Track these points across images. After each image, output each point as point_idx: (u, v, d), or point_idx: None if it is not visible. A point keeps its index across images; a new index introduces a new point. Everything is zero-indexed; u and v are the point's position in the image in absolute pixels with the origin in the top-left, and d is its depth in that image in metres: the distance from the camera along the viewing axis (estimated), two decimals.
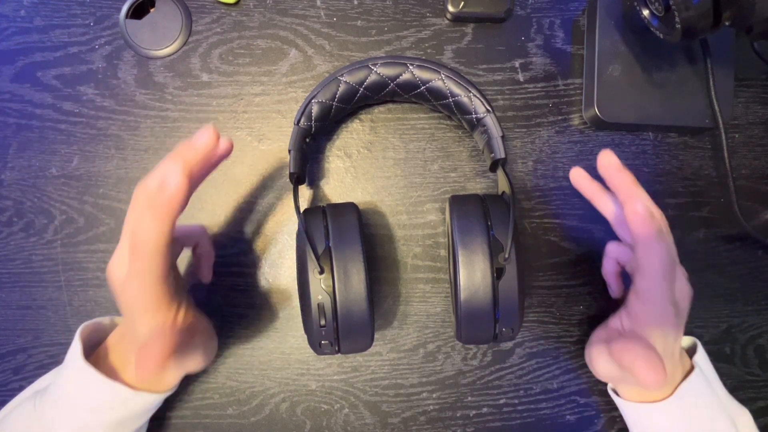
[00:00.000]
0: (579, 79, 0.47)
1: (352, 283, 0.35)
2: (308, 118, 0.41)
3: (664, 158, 0.48)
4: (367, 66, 0.41)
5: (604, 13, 0.45)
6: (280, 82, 0.46)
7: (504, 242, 0.36)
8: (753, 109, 0.49)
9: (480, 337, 0.38)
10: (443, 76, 0.41)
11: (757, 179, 0.49)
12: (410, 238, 0.46)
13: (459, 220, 0.37)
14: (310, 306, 0.35)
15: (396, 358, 0.46)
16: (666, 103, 0.45)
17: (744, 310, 0.49)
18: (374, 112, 0.47)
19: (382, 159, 0.46)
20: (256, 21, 0.46)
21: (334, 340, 0.36)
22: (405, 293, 0.46)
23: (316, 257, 0.35)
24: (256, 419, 0.46)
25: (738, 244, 0.48)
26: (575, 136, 0.47)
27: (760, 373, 0.49)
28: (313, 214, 0.38)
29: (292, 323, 0.46)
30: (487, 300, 0.35)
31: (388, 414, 0.46)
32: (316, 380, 0.46)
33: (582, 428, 0.47)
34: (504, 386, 0.47)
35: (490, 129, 0.41)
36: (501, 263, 0.36)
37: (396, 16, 0.47)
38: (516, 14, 0.47)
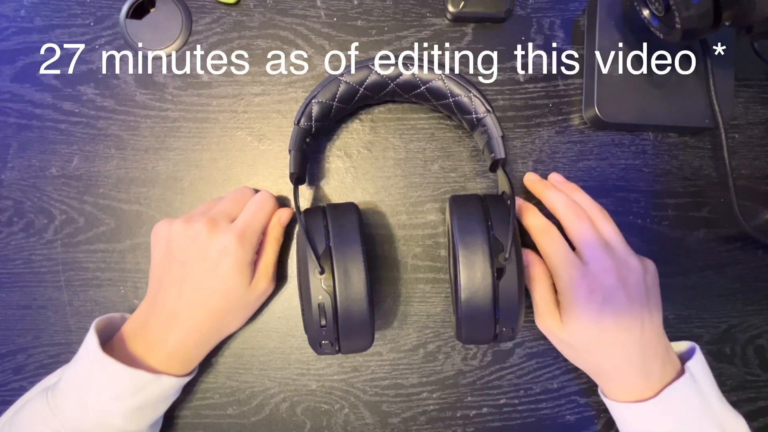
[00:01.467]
0: (579, 79, 0.47)
1: (352, 283, 0.35)
2: (308, 118, 0.41)
3: (664, 158, 0.48)
4: (368, 66, 0.41)
5: (604, 13, 0.45)
6: (280, 82, 0.46)
7: (504, 242, 0.36)
8: (753, 109, 0.49)
9: (480, 337, 0.38)
10: (443, 76, 0.41)
11: (757, 179, 0.49)
12: (410, 238, 0.46)
13: (459, 220, 0.37)
14: (311, 306, 0.35)
15: (396, 358, 0.46)
16: (666, 103, 0.45)
17: (744, 310, 0.49)
18: (374, 112, 0.47)
19: (382, 159, 0.46)
20: (256, 21, 0.46)
21: (335, 340, 0.36)
22: (405, 293, 0.46)
23: (317, 257, 0.35)
24: (256, 419, 0.46)
25: (738, 244, 0.48)
26: (575, 136, 0.47)
27: (760, 373, 0.49)
28: (313, 214, 0.38)
29: (292, 323, 0.46)
30: (487, 300, 0.35)
31: (388, 414, 0.46)
32: (316, 380, 0.46)
33: (582, 428, 0.47)
34: (504, 386, 0.47)
35: (490, 129, 0.41)
36: (501, 263, 0.36)
37: (396, 16, 0.47)
38: (516, 14, 0.47)
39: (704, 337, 0.48)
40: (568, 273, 0.39)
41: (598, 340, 0.39)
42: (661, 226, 0.48)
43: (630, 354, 0.39)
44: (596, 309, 0.38)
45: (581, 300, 0.38)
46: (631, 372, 0.39)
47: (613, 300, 0.38)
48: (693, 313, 0.48)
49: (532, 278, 0.41)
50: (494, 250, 0.36)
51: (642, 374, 0.39)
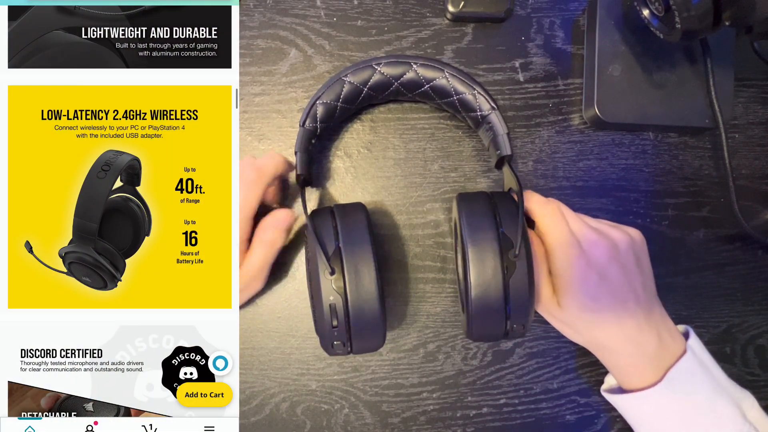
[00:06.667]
0: (579, 79, 0.47)
1: (363, 283, 0.35)
2: (313, 119, 0.41)
3: (664, 158, 0.48)
4: (371, 66, 0.41)
5: (604, 13, 0.45)
6: (280, 82, 0.46)
7: (513, 238, 0.36)
8: (753, 109, 0.49)
9: (491, 333, 0.38)
10: (447, 74, 0.41)
11: (757, 179, 0.49)
12: (410, 238, 0.46)
13: (468, 217, 0.37)
14: (322, 307, 0.35)
15: (396, 358, 0.46)
16: (666, 103, 0.45)
17: (744, 310, 0.49)
18: (374, 112, 0.47)
19: (382, 159, 0.46)
20: (256, 21, 0.46)
21: (347, 341, 0.36)
22: (405, 293, 0.46)
23: (327, 258, 0.35)
24: (256, 419, 0.46)
25: (738, 244, 0.48)
26: (575, 136, 0.47)
27: (760, 373, 0.49)
28: (321, 215, 0.38)
29: (292, 323, 0.46)
30: (498, 297, 0.36)
31: (388, 414, 0.46)
32: (316, 380, 0.46)
33: (582, 428, 0.47)
34: (504, 386, 0.47)
35: (495, 126, 0.41)
36: (511, 260, 0.36)
37: (396, 16, 0.47)
38: (516, 14, 0.47)
39: (704, 337, 0.48)
40: (564, 254, 0.38)
41: (596, 317, 0.38)
42: (661, 226, 0.48)
43: (626, 327, 0.38)
44: (593, 287, 0.38)
45: (578, 280, 0.38)
46: (629, 345, 0.39)
47: (608, 276, 0.38)
48: (693, 313, 0.48)
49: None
50: (504, 246, 0.36)
51: (637, 345, 0.39)
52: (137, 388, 0.38)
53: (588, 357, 0.47)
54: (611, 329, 0.39)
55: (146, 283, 0.38)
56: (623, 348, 0.39)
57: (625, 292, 0.38)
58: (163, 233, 0.38)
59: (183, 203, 0.38)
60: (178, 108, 0.38)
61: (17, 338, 0.37)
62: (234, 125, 0.38)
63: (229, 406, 0.38)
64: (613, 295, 0.38)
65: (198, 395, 0.38)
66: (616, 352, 0.40)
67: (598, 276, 0.38)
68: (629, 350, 0.39)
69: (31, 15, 0.37)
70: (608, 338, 0.39)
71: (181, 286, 0.38)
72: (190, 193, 0.38)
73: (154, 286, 0.38)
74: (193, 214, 0.38)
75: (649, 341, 0.39)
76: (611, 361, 0.41)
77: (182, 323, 0.38)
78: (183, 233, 0.38)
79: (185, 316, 0.38)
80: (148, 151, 0.38)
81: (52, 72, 0.38)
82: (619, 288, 0.38)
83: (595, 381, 0.47)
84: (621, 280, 0.38)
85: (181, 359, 0.38)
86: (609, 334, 0.39)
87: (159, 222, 0.38)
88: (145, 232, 0.38)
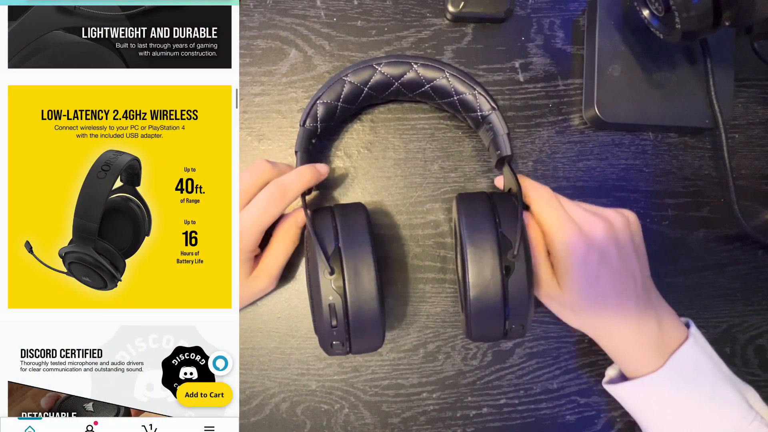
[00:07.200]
0: (579, 79, 0.47)
1: (362, 283, 0.35)
2: (314, 119, 0.41)
3: (664, 158, 0.48)
4: (372, 66, 0.41)
5: (604, 13, 0.45)
6: (280, 82, 0.46)
7: (512, 239, 0.36)
8: (753, 109, 0.49)
9: (490, 333, 0.38)
10: (447, 75, 0.41)
11: (757, 179, 0.49)
12: (410, 238, 0.46)
13: (467, 217, 0.37)
14: (321, 307, 0.35)
15: (396, 358, 0.46)
16: (666, 103, 0.45)
17: (744, 310, 0.49)
18: (374, 112, 0.47)
19: (382, 159, 0.46)
20: (256, 21, 0.46)
21: (346, 341, 0.36)
22: (405, 293, 0.46)
23: (326, 258, 0.35)
24: (256, 419, 0.46)
25: (738, 244, 0.48)
26: (575, 136, 0.47)
27: (760, 373, 0.49)
28: (321, 215, 0.38)
29: (292, 323, 0.46)
30: (496, 297, 0.36)
31: (388, 414, 0.46)
32: (316, 380, 0.46)
33: (582, 428, 0.47)
34: (504, 386, 0.47)
35: (495, 126, 0.41)
36: (510, 260, 0.36)
37: (396, 16, 0.47)
38: (516, 14, 0.47)
39: (704, 337, 0.48)
40: (563, 235, 0.38)
41: (598, 296, 0.38)
42: (661, 226, 0.48)
43: (626, 306, 0.38)
44: (594, 266, 0.38)
45: (579, 260, 0.38)
46: (629, 324, 0.39)
47: (607, 255, 0.38)
48: (693, 313, 0.48)
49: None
50: (503, 247, 0.36)
51: (638, 325, 0.39)
52: (137, 388, 0.38)
53: (588, 357, 0.47)
54: (612, 309, 0.39)
55: (146, 283, 0.38)
56: (624, 327, 0.39)
57: (624, 270, 0.38)
58: (163, 233, 0.38)
59: (183, 203, 0.38)
60: (178, 108, 0.38)
61: (17, 338, 0.37)
62: (234, 125, 0.38)
63: (229, 406, 0.38)
64: (613, 273, 0.38)
65: (198, 395, 0.38)
66: (617, 333, 0.40)
67: (598, 255, 0.38)
68: (630, 330, 0.39)
69: (31, 15, 0.37)
70: (609, 318, 0.39)
71: (181, 286, 0.38)
72: (190, 193, 0.38)
73: (154, 286, 0.38)
74: (193, 214, 0.38)
75: (649, 322, 0.39)
76: (612, 344, 0.41)
77: (182, 323, 0.38)
78: (183, 233, 0.38)
79: (185, 316, 0.38)
80: (148, 151, 0.38)
81: (52, 72, 0.38)
82: (618, 267, 0.38)
83: (595, 381, 0.47)
84: (620, 259, 0.38)
85: (181, 359, 0.38)
86: (610, 314, 0.39)
87: (159, 222, 0.38)
88: (145, 232, 0.38)
